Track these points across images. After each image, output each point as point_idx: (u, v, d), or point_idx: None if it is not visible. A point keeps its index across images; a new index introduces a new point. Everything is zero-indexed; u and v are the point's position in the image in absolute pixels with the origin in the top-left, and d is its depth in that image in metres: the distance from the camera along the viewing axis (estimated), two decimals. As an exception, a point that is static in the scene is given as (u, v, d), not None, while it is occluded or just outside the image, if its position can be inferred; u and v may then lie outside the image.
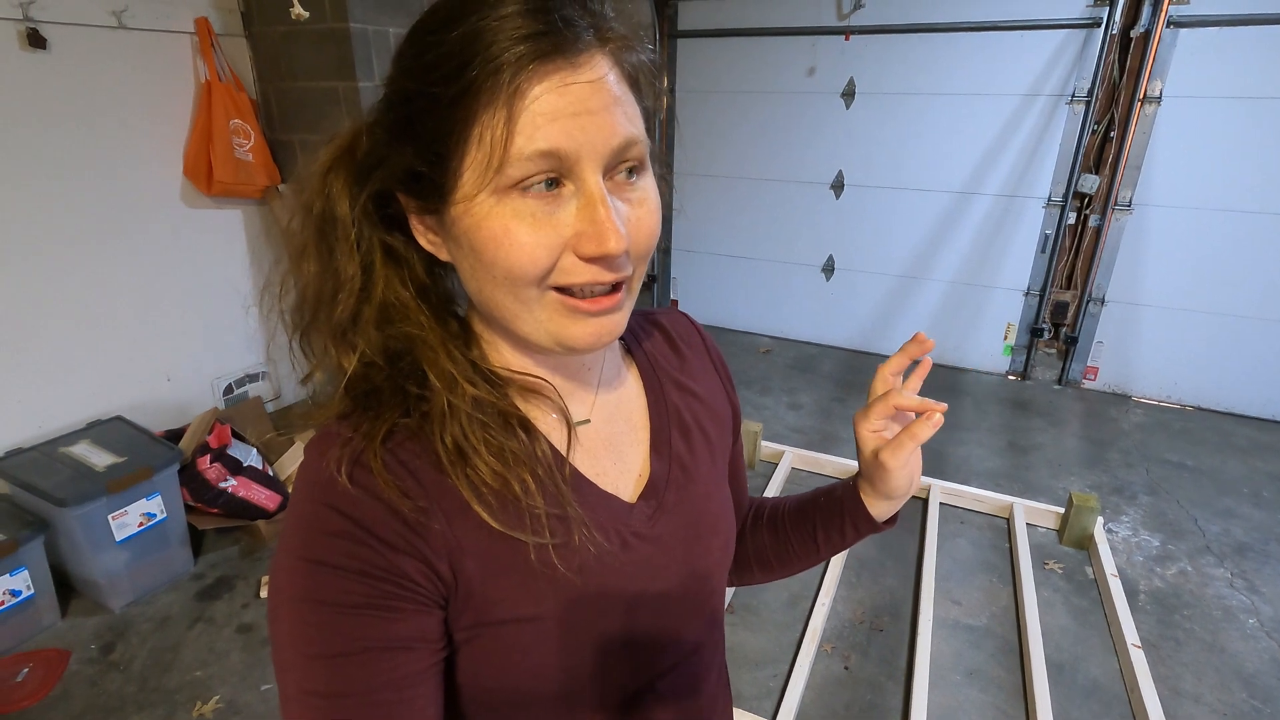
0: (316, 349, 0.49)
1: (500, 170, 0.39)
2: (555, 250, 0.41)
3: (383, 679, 0.42)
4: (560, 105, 0.39)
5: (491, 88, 0.38)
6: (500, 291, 0.44)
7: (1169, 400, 3.54)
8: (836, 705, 1.78)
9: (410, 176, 0.43)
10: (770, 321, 4.42)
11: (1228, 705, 1.80)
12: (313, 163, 0.48)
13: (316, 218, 0.47)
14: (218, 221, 2.75)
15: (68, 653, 1.90)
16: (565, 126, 0.39)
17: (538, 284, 0.43)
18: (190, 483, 2.21)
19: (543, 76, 0.39)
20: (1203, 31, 3.06)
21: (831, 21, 3.72)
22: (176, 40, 2.49)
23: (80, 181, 2.31)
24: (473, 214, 0.41)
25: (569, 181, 0.41)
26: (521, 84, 0.38)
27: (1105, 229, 3.43)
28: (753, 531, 0.72)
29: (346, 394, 0.47)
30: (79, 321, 2.37)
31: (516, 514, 0.46)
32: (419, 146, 0.42)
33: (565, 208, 0.41)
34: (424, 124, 0.41)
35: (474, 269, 0.44)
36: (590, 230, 0.41)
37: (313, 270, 0.47)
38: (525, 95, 0.39)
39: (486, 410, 0.47)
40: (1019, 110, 3.47)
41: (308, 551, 0.42)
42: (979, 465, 2.93)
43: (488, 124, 0.39)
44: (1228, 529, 2.52)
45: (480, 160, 0.40)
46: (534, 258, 0.41)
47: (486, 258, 0.42)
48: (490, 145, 0.39)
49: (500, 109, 0.39)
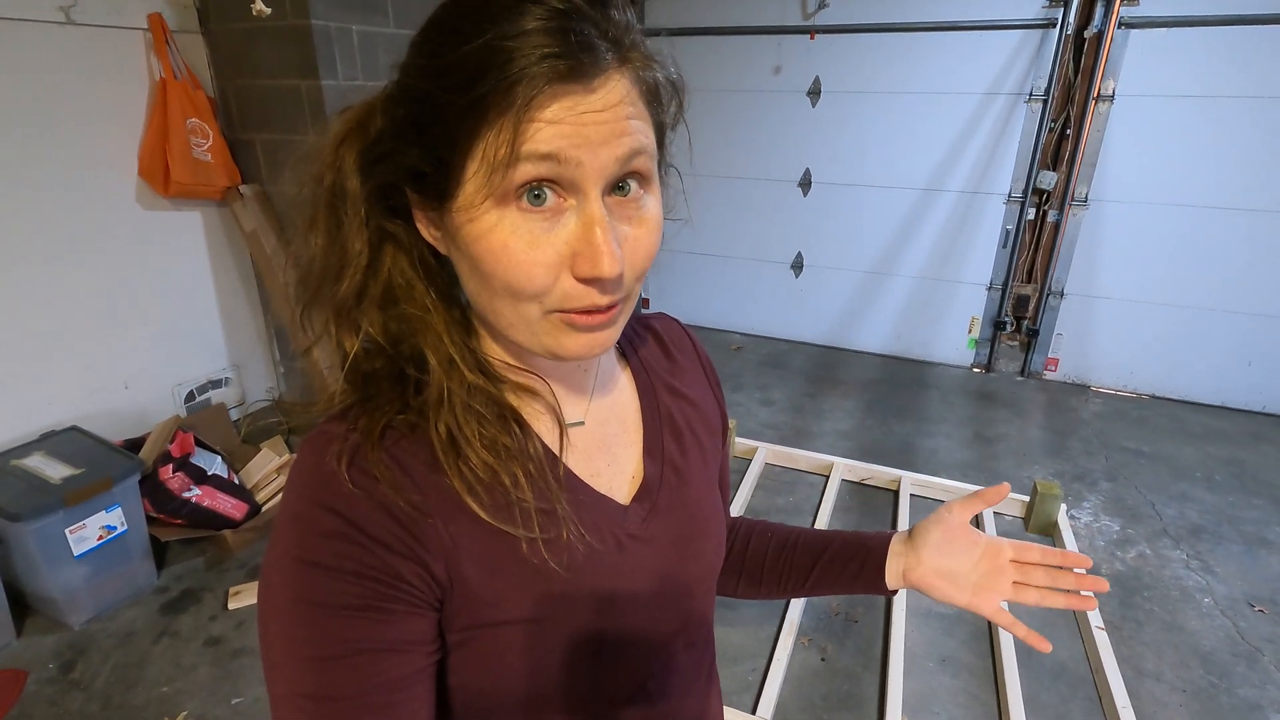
0: (317, 326, 0.48)
1: (501, 174, 0.39)
2: (553, 269, 0.41)
3: (375, 681, 0.41)
4: (566, 119, 0.39)
5: (501, 104, 0.38)
6: (498, 300, 0.43)
7: (1126, 389, 3.66)
8: (814, 696, 1.81)
9: (415, 174, 0.43)
10: (741, 318, 4.46)
11: (1187, 682, 1.87)
12: (323, 133, 0.47)
13: (327, 190, 0.46)
14: (176, 224, 2.67)
15: (24, 673, 1.83)
16: (569, 135, 0.39)
17: (537, 302, 0.42)
18: (152, 493, 2.14)
19: (555, 97, 0.38)
20: (1152, 32, 3.16)
21: (796, 21, 3.76)
22: (128, 37, 2.41)
23: (29, 184, 2.22)
24: (473, 223, 0.41)
25: (570, 197, 0.41)
26: (531, 102, 0.38)
27: (1063, 224, 3.53)
28: (758, 542, 0.73)
29: (346, 382, 0.47)
30: (30, 329, 2.28)
31: (507, 508, 0.46)
32: (425, 148, 0.41)
33: (565, 226, 0.41)
34: (432, 128, 0.41)
35: (472, 275, 0.44)
36: (586, 252, 0.40)
37: (320, 244, 0.46)
38: (534, 111, 0.38)
39: (482, 400, 0.47)
40: (979, 109, 3.55)
41: (301, 552, 0.41)
42: (947, 457, 2.99)
43: (492, 139, 0.38)
44: (1183, 512, 2.62)
45: (483, 171, 0.39)
46: (531, 275, 0.41)
47: (485, 269, 0.42)
48: (493, 159, 0.39)
49: (507, 126, 0.38)
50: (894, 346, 4.10)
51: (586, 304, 0.42)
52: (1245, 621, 2.08)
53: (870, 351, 4.15)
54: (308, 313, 0.48)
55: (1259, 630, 2.05)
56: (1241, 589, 2.22)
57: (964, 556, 0.64)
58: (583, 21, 0.38)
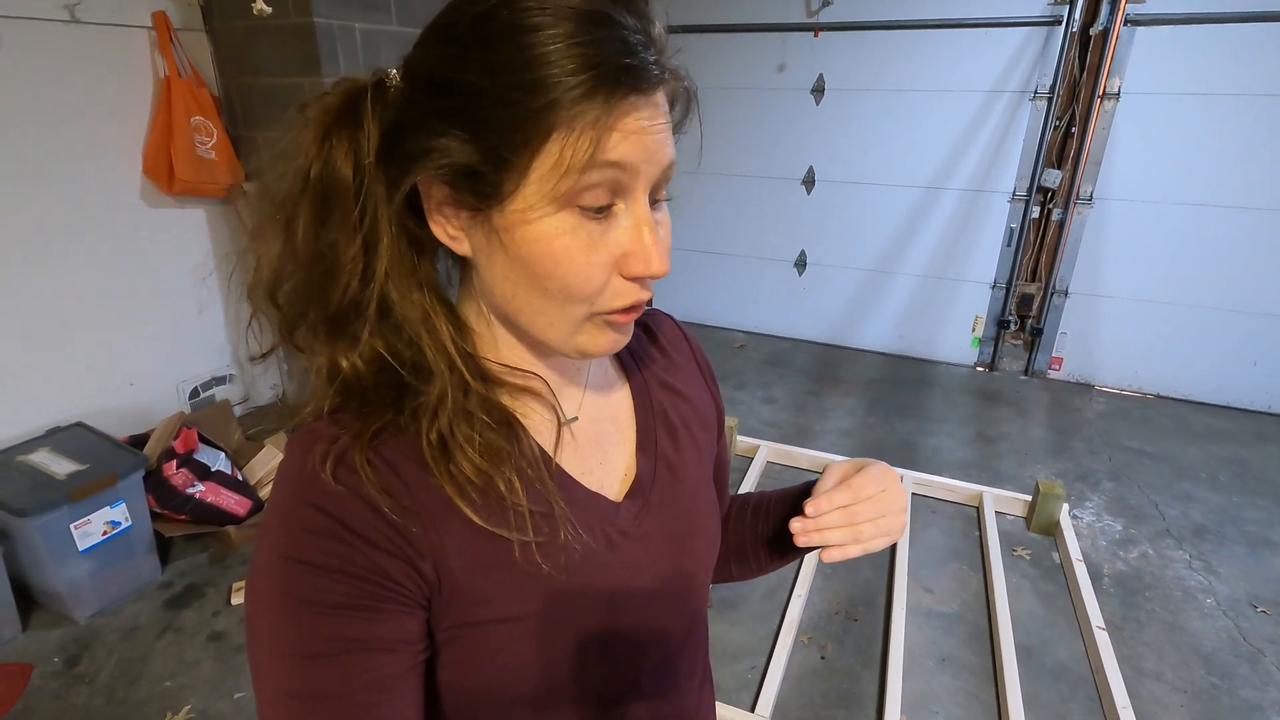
0: (304, 340, 0.46)
1: (574, 178, 0.40)
2: (607, 270, 0.43)
3: (362, 680, 0.41)
4: (636, 129, 0.40)
5: (578, 111, 0.38)
6: (543, 301, 0.44)
7: (1130, 389, 3.64)
8: (814, 695, 1.81)
9: (460, 172, 0.41)
10: (743, 316, 4.45)
11: (1187, 682, 1.86)
12: (299, 120, 0.44)
13: (315, 185, 0.43)
14: (180, 221, 2.69)
15: (29, 666, 1.84)
16: (635, 146, 0.41)
17: (588, 304, 0.44)
18: (156, 489, 2.15)
19: (633, 107, 0.40)
20: (1158, 29, 3.14)
21: (800, 18, 3.74)
22: (133, 35, 2.42)
23: (36, 182, 2.24)
24: (531, 225, 0.41)
25: (619, 201, 0.42)
26: (613, 110, 0.39)
27: (1068, 223, 3.51)
28: (735, 522, 0.72)
29: (338, 395, 0.46)
30: (37, 326, 2.30)
31: (501, 511, 0.46)
32: (484, 146, 0.40)
33: (615, 229, 0.43)
34: (495, 126, 0.39)
35: (515, 275, 0.44)
36: (639, 251, 0.43)
37: (303, 246, 0.44)
38: (610, 120, 0.39)
39: (480, 405, 0.47)
40: (984, 106, 3.54)
41: (288, 550, 0.41)
42: (949, 456, 2.98)
43: (571, 143, 0.39)
44: (1186, 512, 2.61)
45: (551, 172, 0.40)
46: (589, 276, 0.42)
47: (541, 271, 0.42)
48: (568, 160, 0.39)
49: (585, 130, 0.39)
50: (897, 345, 4.09)
51: (632, 301, 0.45)
52: (1247, 622, 2.07)
53: (873, 350, 4.14)
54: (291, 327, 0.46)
55: (1261, 631, 2.04)
56: (1244, 590, 2.21)
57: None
58: (643, 34, 0.41)
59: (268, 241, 0.45)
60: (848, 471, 0.57)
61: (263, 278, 0.46)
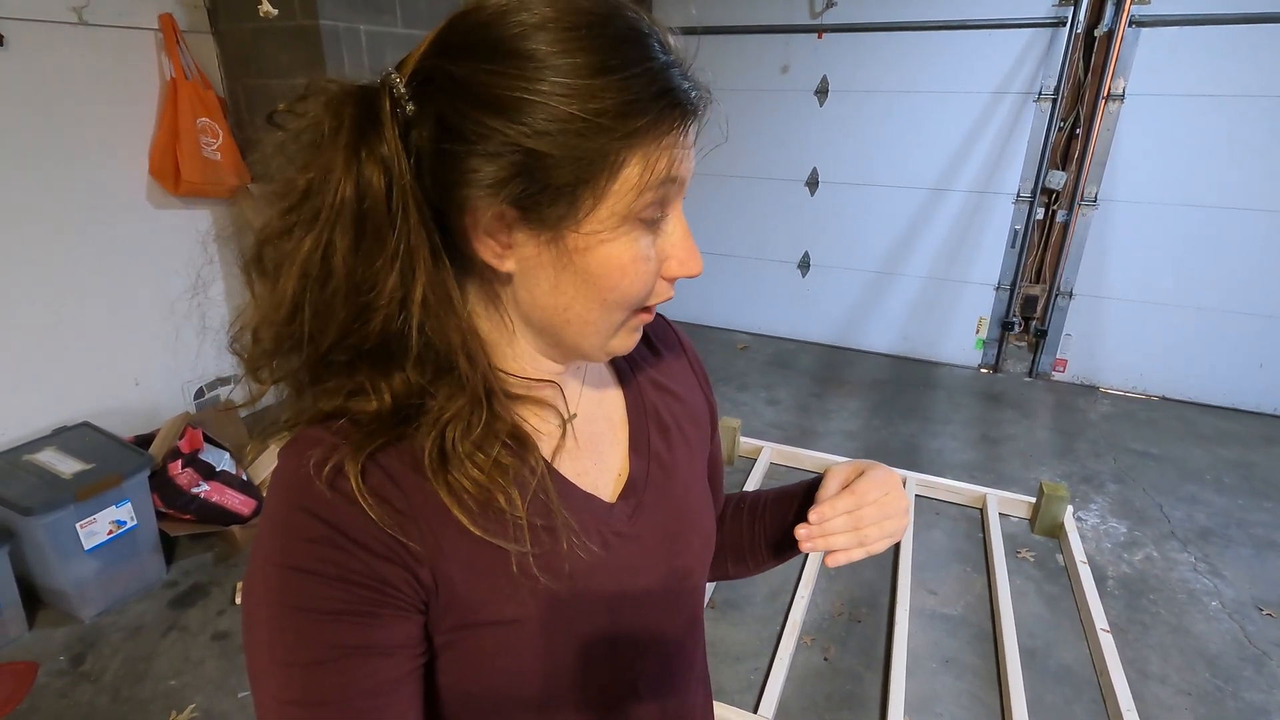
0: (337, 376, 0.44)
1: (650, 195, 0.42)
2: (655, 276, 0.46)
3: (361, 686, 0.41)
4: (686, 144, 0.44)
5: (656, 134, 0.41)
6: (597, 311, 0.45)
7: (1135, 391, 3.63)
8: (817, 696, 1.81)
9: (531, 193, 0.40)
10: (747, 318, 4.45)
11: (1192, 685, 1.85)
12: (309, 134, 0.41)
13: (351, 209, 0.40)
14: (186, 222, 2.70)
15: (35, 665, 1.85)
16: (686, 160, 0.44)
17: (634, 309, 0.47)
18: (161, 489, 2.16)
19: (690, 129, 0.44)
20: (1163, 31, 3.14)
21: (804, 20, 3.75)
22: (140, 37, 2.43)
23: (43, 183, 2.25)
24: (605, 244, 0.43)
25: (665, 210, 0.45)
26: (681, 131, 0.43)
27: (1072, 224, 3.51)
28: (732, 521, 0.72)
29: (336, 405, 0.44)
30: (43, 326, 2.31)
31: (499, 521, 0.45)
32: (567, 169, 0.39)
33: (662, 235, 0.46)
34: (578, 149, 0.39)
35: (573, 289, 0.44)
36: (683, 255, 0.46)
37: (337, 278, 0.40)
38: (686, 138, 0.43)
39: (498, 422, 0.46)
40: (988, 108, 3.53)
41: (284, 558, 0.41)
42: (953, 457, 2.98)
43: (650, 164, 0.41)
44: (1191, 515, 2.60)
45: (628, 191, 0.41)
46: (646, 285, 0.45)
47: (607, 284, 0.44)
48: (646, 180, 0.42)
49: (664, 153, 0.42)
50: (901, 347, 4.08)
51: (665, 299, 0.48)
52: (1253, 625, 2.06)
53: (877, 351, 4.14)
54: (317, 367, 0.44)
55: (1267, 634, 2.03)
56: (1249, 592, 2.20)
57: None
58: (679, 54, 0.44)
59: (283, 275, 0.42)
60: (849, 475, 0.57)
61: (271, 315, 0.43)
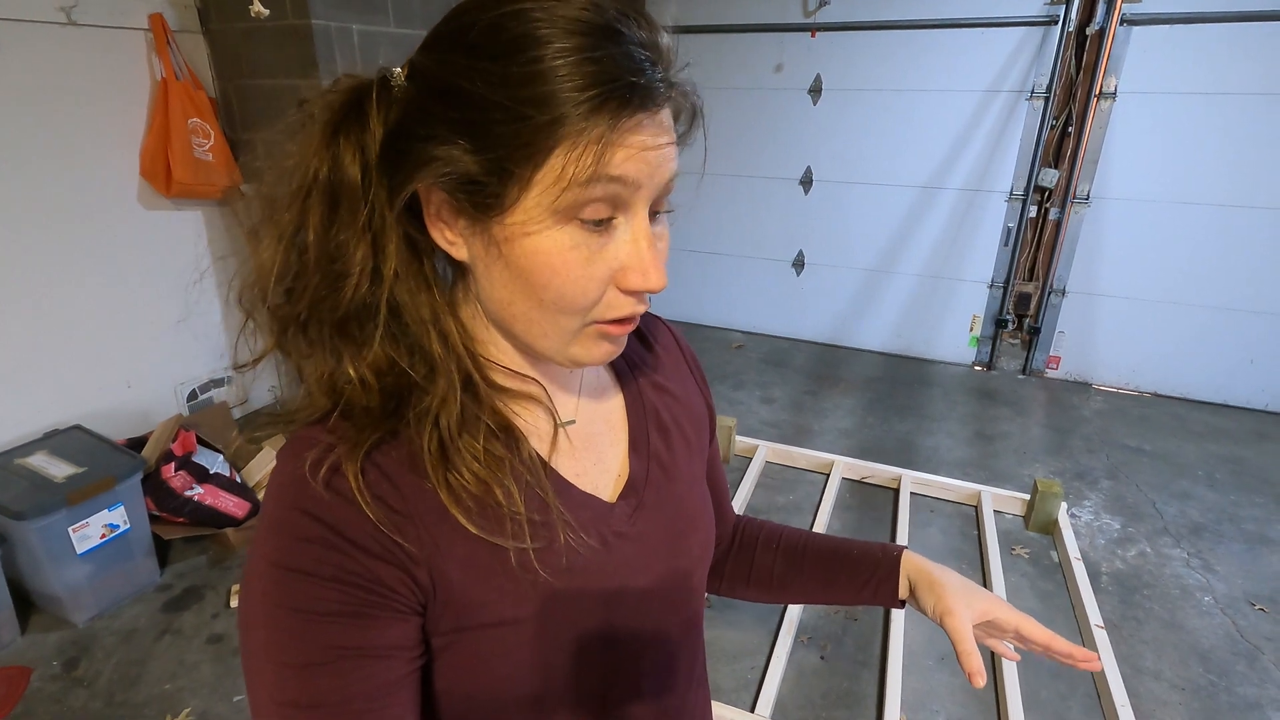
0: (303, 345, 0.45)
1: (576, 192, 0.40)
2: (603, 284, 0.43)
3: (357, 688, 0.41)
4: (641, 145, 0.40)
5: (583, 127, 0.38)
6: (538, 311, 0.44)
7: (1128, 387, 3.65)
8: (814, 694, 1.81)
9: (463, 181, 0.41)
10: (742, 316, 4.45)
11: (1186, 680, 1.86)
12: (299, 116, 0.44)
13: (324, 185, 0.43)
14: (178, 223, 2.68)
15: (28, 670, 1.84)
16: (639, 161, 0.41)
17: (581, 315, 0.44)
18: (154, 492, 2.15)
19: (638, 124, 0.40)
20: (1154, 29, 3.15)
21: (798, 18, 3.75)
22: (130, 37, 2.42)
23: (32, 185, 2.23)
24: (530, 237, 0.41)
25: (619, 215, 0.42)
26: (618, 126, 0.39)
27: (1065, 222, 3.52)
28: (762, 553, 0.73)
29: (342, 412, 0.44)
30: (34, 329, 2.29)
31: (497, 519, 0.45)
32: (489, 157, 0.40)
33: (614, 242, 0.43)
34: (501, 137, 0.39)
35: (512, 284, 0.44)
36: (637, 265, 0.43)
37: (313, 247, 0.43)
38: (613, 136, 0.39)
39: (483, 409, 0.47)
40: (981, 106, 3.54)
41: (281, 558, 0.41)
42: (947, 455, 2.99)
43: (574, 158, 0.39)
44: (1184, 511, 2.61)
45: (554, 185, 0.40)
46: (585, 290, 0.43)
47: (538, 282, 0.42)
48: (570, 175, 0.39)
49: (589, 146, 0.39)
50: (895, 344, 4.09)
51: (627, 313, 0.45)
52: (1245, 620, 2.08)
53: (871, 349, 4.15)
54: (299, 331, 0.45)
55: (1259, 629, 2.04)
56: (1242, 587, 2.21)
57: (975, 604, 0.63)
58: (643, 47, 0.40)
59: (265, 243, 0.44)
60: (964, 611, 0.61)
61: (259, 280, 0.45)
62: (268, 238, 0.44)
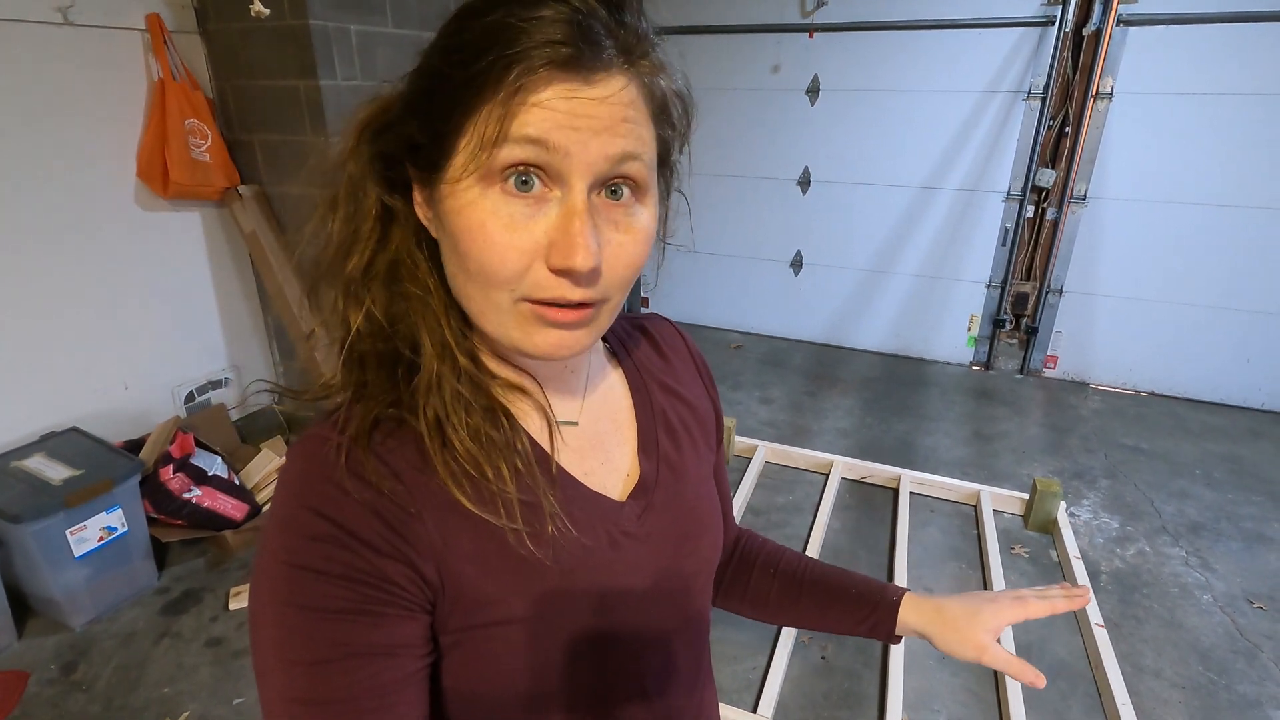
0: (325, 303, 0.49)
1: (489, 152, 0.39)
2: (526, 255, 0.41)
3: (366, 685, 0.41)
4: (560, 107, 0.39)
5: (497, 81, 0.39)
6: (471, 285, 0.44)
7: (1125, 387, 3.66)
8: (815, 695, 1.81)
9: (411, 146, 0.44)
10: (740, 317, 4.45)
11: (1186, 678, 1.87)
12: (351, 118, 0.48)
13: (349, 174, 0.47)
14: (175, 225, 2.67)
15: (26, 674, 1.83)
16: (560, 123, 0.39)
17: (508, 289, 0.42)
18: (152, 494, 2.14)
19: (551, 82, 0.39)
20: (1151, 30, 3.16)
21: (795, 19, 3.75)
22: (127, 37, 2.40)
23: (28, 186, 2.22)
24: (454, 197, 0.42)
25: (556, 188, 0.41)
26: (527, 83, 0.38)
27: (1062, 222, 3.53)
28: (760, 576, 0.73)
29: (343, 365, 0.48)
30: (31, 330, 2.28)
31: (490, 499, 0.46)
32: (423, 121, 0.43)
33: (546, 216, 0.41)
34: (433, 101, 0.42)
35: (451, 255, 0.44)
36: (561, 241, 0.40)
37: (337, 224, 0.48)
38: (527, 93, 0.39)
39: (470, 389, 0.47)
40: (978, 106, 3.55)
41: (289, 556, 0.41)
42: (946, 454, 2.99)
43: (485, 116, 0.39)
44: (1182, 509, 2.62)
45: (472, 144, 0.40)
46: (504, 258, 0.41)
47: (462, 247, 0.42)
48: (483, 135, 0.39)
49: (500, 103, 0.39)
50: (893, 344, 4.10)
51: (555, 295, 0.41)
52: (1244, 618, 2.08)
53: (869, 349, 4.15)
54: (316, 290, 0.49)
55: (1258, 627, 2.05)
56: (1240, 585, 2.22)
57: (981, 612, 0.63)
58: (593, 18, 0.39)
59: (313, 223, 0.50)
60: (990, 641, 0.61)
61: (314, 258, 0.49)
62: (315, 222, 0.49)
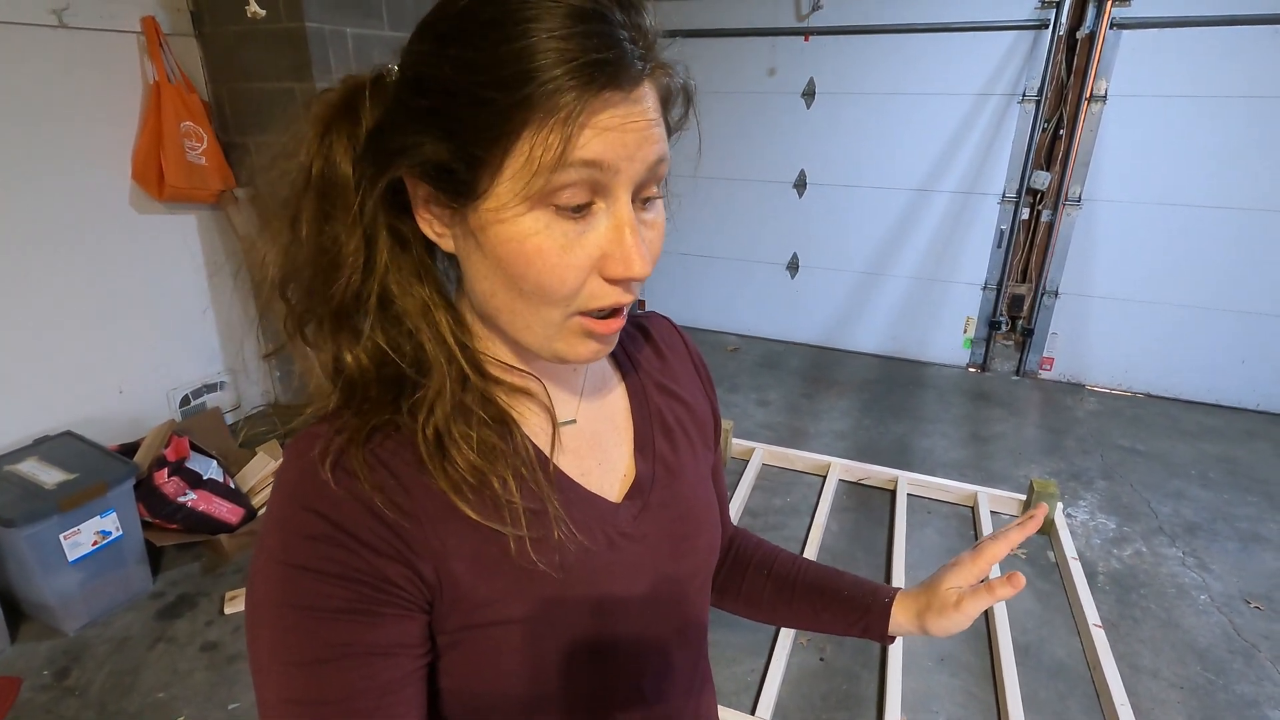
0: (312, 336, 0.46)
1: (545, 178, 0.39)
2: (584, 272, 0.42)
3: (363, 686, 0.41)
4: (612, 125, 0.39)
5: (550, 106, 0.37)
6: (520, 302, 0.43)
7: (1121, 388, 3.67)
8: (814, 696, 1.81)
9: (436, 169, 0.41)
10: (737, 319, 4.46)
11: (1183, 678, 1.87)
12: (302, 116, 0.44)
13: (316, 181, 0.44)
14: (170, 227, 2.67)
15: (18, 680, 1.82)
16: (613, 143, 0.39)
17: (564, 305, 0.43)
18: (147, 498, 2.13)
19: (606, 104, 0.39)
20: (1144, 33, 3.18)
21: (790, 22, 3.77)
22: (122, 40, 2.40)
23: (23, 188, 2.21)
24: (505, 224, 0.41)
25: (600, 200, 0.41)
26: (585, 107, 0.38)
27: (1057, 224, 3.54)
28: (754, 576, 0.73)
29: (340, 391, 0.46)
30: (24, 333, 2.27)
31: (496, 509, 0.46)
32: (456, 144, 0.40)
33: (594, 229, 0.42)
34: (467, 123, 0.39)
35: (492, 274, 0.43)
36: (618, 253, 0.41)
37: (307, 239, 0.44)
38: (581, 117, 0.38)
39: (477, 401, 0.47)
40: (973, 109, 3.56)
41: (286, 556, 0.41)
42: (943, 456, 2.99)
43: (540, 140, 0.38)
44: (1178, 510, 2.63)
45: (523, 170, 0.39)
46: (563, 279, 0.41)
47: (515, 271, 0.42)
48: (539, 158, 0.38)
49: (555, 128, 0.38)
50: (889, 347, 4.10)
51: (611, 303, 0.43)
52: (1241, 618, 2.09)
53: (866, 352, 4.16)
54: (299, 319, 0.46)
55: (1255, 626, 2.05)
56: (1237, 585, 2.22)
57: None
58: (623, 28, 0.39)
59: (273, 239, 0.46)
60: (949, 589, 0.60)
61: (270, 275, 0.46)
62: (275, 233, 0.46)
